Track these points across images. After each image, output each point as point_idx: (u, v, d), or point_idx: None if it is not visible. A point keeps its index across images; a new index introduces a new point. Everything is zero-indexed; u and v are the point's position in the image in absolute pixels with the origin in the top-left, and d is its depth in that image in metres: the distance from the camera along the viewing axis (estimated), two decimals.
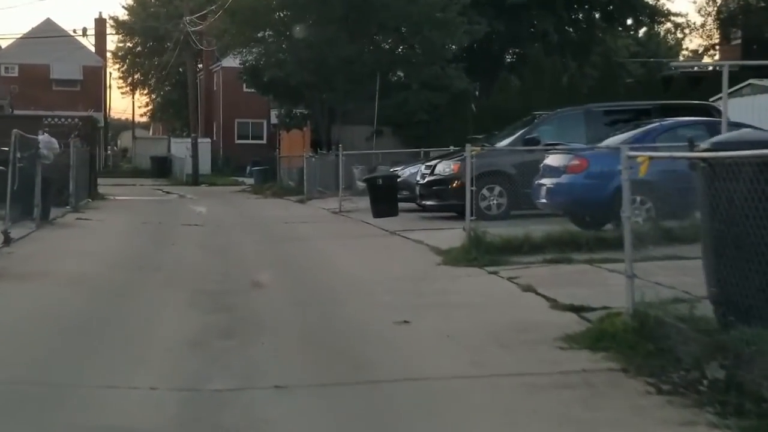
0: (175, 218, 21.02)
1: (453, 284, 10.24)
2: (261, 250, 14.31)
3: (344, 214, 21.44)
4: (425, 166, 18.37)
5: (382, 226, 17.41)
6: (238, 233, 17.32)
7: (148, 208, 25.78)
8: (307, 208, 24.85)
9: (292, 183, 33.19)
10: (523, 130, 18.02)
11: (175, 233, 17.11)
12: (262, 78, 32.94)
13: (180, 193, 36.48)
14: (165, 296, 9.84)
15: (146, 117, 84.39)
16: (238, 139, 59.01)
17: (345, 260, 12.79)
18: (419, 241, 14.38)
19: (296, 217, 21.27)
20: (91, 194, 28.02)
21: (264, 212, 23.50)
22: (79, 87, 58.09)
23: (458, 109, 33.22)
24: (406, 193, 20.34)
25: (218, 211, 24.25)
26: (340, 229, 17.71)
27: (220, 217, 21.43)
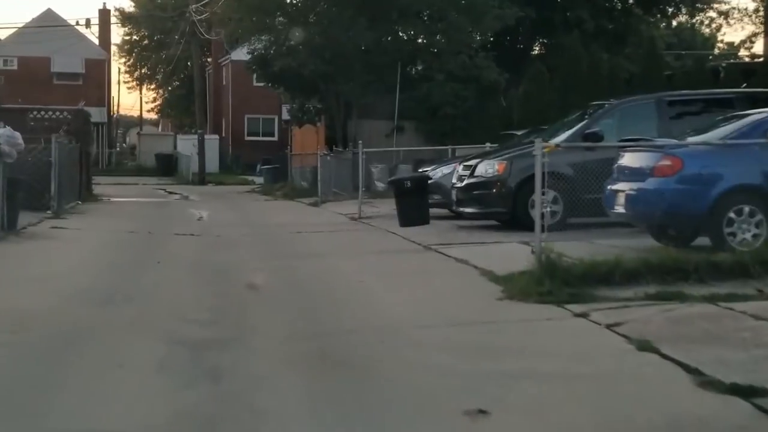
0: (169, 225, 18.18)
1: (532, 335, 7.34)
2: (267, 272, 11.43)
3: (365, 221, 18.57)
4: (463, 166, 15.47)
5: (413, 238, 14.51)
6: (240, 247, 14.45)
7: (143, 211, 22.95)
8: (322, 213, 21.96)
9: (305, 183, 30.33)
10: (581, 124, 15.08)
11: (165, 247, 14.26)
12: (271, 68, 30.05)
13: (183, 193, 33.71)
14: (127, 351, 6.97)
15: (154, 113, 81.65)
16: (248, 135, 56.22)
17: (374, 289, 9.88)
18: (463, 261, 11.46)
19: (310, 224, 18.40)
20: (83, 196, 25.22)
21: (273, 218, 20.63)
22: (81, 81, 55.38)
23: (487, 102, 30.26)
24: (438, 197, 17.45)
25: (221, 216, 21.40)
26: (363, 242, 14.81)
27: (222, 225, 18.58)
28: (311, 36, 29.07)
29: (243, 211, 23.23)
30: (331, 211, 22.23)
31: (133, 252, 13.42)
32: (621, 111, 15.25)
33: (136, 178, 46.67)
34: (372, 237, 15.61)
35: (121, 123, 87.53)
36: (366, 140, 29.76)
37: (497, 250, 12.48)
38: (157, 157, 51.85)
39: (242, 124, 56.29)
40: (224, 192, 35.06)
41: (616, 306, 8.01)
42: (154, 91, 75.31)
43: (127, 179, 45.03)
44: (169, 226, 18.12)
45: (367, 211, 19.73)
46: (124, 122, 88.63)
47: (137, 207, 24.69)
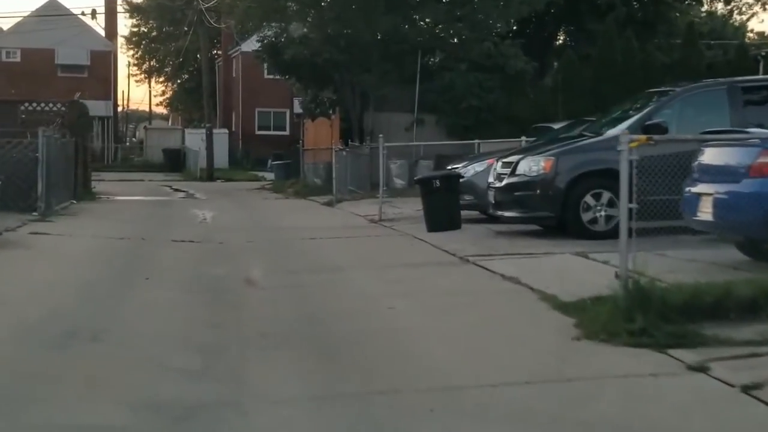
0: (168, 230, 16.21)
1: (637, 403, 5.28)
2: (274, 292, 9.42)
3: (386, 225, 16.55)
4: (502, 163, 13.41)
5: (445, 247, 12.48)
6: (244, 257, 12.45)
7: (142, 212, 20.98)
8: (338, 214, 19.94)
9: (318, 180, 28.32)
10: (639, 114, 12.98)
11: (157, 258, 12.27)
12: (282, 57, 28.01)
13: (190, 190, 31.76)
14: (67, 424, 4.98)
15: (163, 107, 79.77)
16: (259, 130, 54.24)
17: (410, 322, 7.83)
18: (514, 279, 9.42)
19: (325, 228, 16.38)
20: (79, 194, 23.30)
21: (284, 220, 18.63)
22: (87, 73, 53.40)
23: (514, 92, 28.17)
24: (470, 198, 15.42)
25: (227, 217, 19.41)
26: (387, 252, 12.78)
27: (226, 228, 16.60)
28: (325, 22, 27.03)
29: (251, 212, 21.24)
30: (347, 212, 20.22)
31: (119, 265, 11.42)
32: (685, 99, 13.14)
33: (142, 174, 44.79)
34: (397, 244, 13.57)
35: (133, 118, 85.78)
36: (384, 134, 27.76)
37: (551, 264, 10.44)
38: (164, 152, 49.95)
39: (253, 118, 54.32)
40: (232, 189, 33.09)
41: (740, 354, 5.97)
42: (163, 85, 73.43)
43: (132, 175, 43.16)
44: (167, 230, 16.15)
45: (388, 212, 17.73)
46: (135, 117, 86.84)
47: (137, 206, 22.73)
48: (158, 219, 18.83)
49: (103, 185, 33.23)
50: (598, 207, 12.36)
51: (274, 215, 20.06)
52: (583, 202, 12.37)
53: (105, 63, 53.49)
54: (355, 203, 22.25)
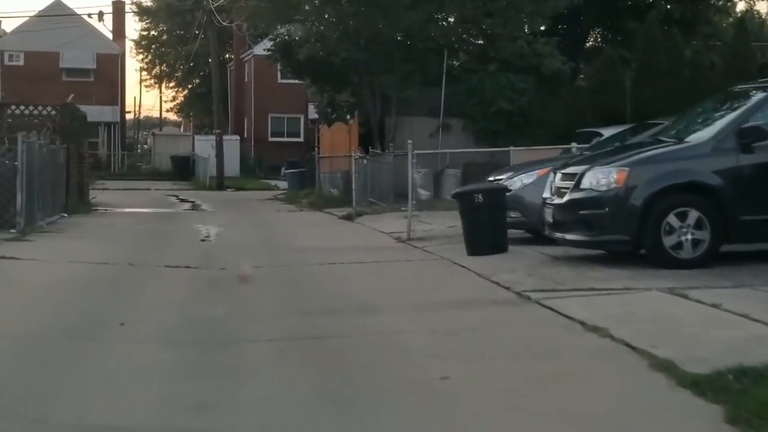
0: (162, 250, 13.98)
1: None
2: (284, 349, 7.13)
3: (417, 245, 14.25)
4: (561, 175, 11.07)
5: (495, 277, 10.19)
6: (249, 290, 10.15)
7: (138, 227, 18.75)
8: (359, 231, 17.64)
9: (335, 191, 26.06)
10: (733, 116, 10.66)
11: (142, 292, 10.00)
12: (296, 56, 25.75)
13: (197, 201, 29.60)
14: None
15: (173, 113, 77.71)
16: (272, 136, 52.10)
17: (474, 406, 5.50)
18: (602, 331, 7.09)
19: (346, 249, 14.10)
20: (72, 206, 21.13)
21: (297, 238, 16.36)
22: (93, 77, 51.42)
23: (550, 95, 25.82)
24: (516, 215, 13.11)
25: (234, 234, 17.17)
26: (425, 284, 10.45)
27: (232, 248, 14.35)
28: (343, 18, 24.78)
29: (261, 227, 18.98)
30: (369, 228, 17.93)
31: (89, 305, 9.13)
32: None
33: (149, 182, 42.70)
34: (435, 273, 11.24)
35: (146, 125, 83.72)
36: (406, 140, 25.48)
37: (641, 306, 8.12)
38: (172, 159, 47.82)
39: (266, 124, 52.18)
40: (243, 199, 30.89)
41: None
42: (174, 90, 71.36)
43: (138, 184, 41.09)
44: (162, 251, 13.90)
45: (416, 229, 15.40)
46: (149, 124, 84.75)
47: (135, 220, 20.49)
48: (155, 236, 16.59)
49: (104, 195, 31.20)
50: (683, 229, 10.03)
51: (287, 232, 17.79)
52: (666, 223, 10.03)
53: (112, 66, 51.48)
54: (377, 217, 19.98)
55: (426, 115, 26.21)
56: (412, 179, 15.48)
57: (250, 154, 50.77)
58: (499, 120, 25.55)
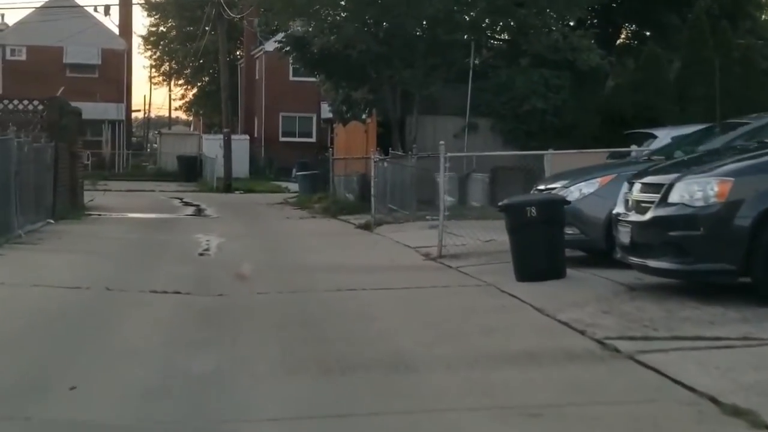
0: (152, 269, 11.86)
1: None
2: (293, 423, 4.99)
3: (451, 263, 12.11)
4: (641, 185, 8.87)
5: (560, 314, 8.05)
6: (250, 330, 7.97)
7: (130, 237, 16.62)
8: (381, 244, 15.45)
9: (350, 196, 23.91)
10: None
11: (113, 331, 7.84)
12: (310, 49, 23.58)
13: (201, 204, 27.51)
14: None
15: (182, 111, 75.68)
16: (283, 136, 49.94)
17: None
18: (747, 415, 4.93)
19: (367, 268, 11.95)
20: (61, 211, 19.06)
21: (311, 253, 14.16)
22: (97, 73, 49.38)
23: (586, 93, 23.64)
24: (573, 231, 10.91)
25: (238, 247, 15.03)
26: (471, 322, 8.22)
27: (233, 267, 12.19)
28: (361, 7, 22.61)
29: (269, 238, 16.82)
30: (392, 241, 15.76)
31: (39, 350, 6.97)
32: None
33: (154, 183, 40.65)
34: (482, 306, 9.04)
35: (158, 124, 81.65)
36: (429, 141, 23.34)
37: None
38: (179, 159, 45.74)
39: (276, 123, 50.04)
40: (251, 203, 28.78)
41: None
42: (183, 88, 69.33)
43: (143, 185, 39.05)
44: (151, 269, 11.79)
45: (447, 243, 13.21)
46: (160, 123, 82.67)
47: (128, 228, 18.36)
48: (147, 249, 14.46)
49: (104, 197, 29.19)
50: None
51: (298, 244, 15.62)
52: None
53: (118, 62, 49.42)
54: (398, 228, 17.83)
55: (450, 114, 24.07)
56: (445, 186, 13.28)
57: (260, 155, 48.70)
58: (531, 120, 23.37)
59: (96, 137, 48.56)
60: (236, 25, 56.44)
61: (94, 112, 47.42)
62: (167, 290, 9.78)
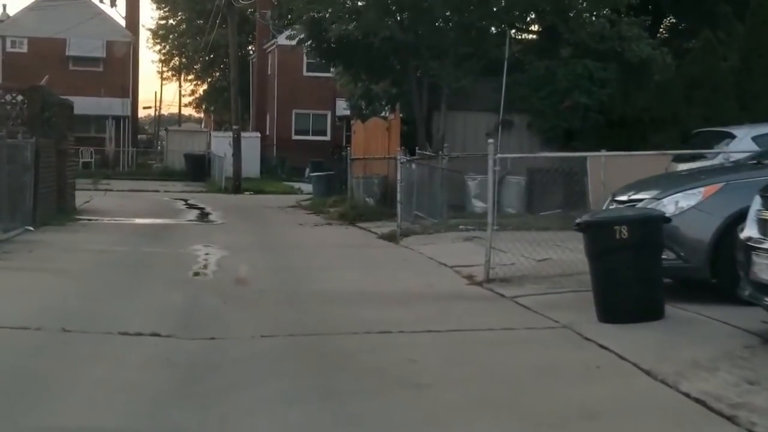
0: (130, 296, 9.50)
1: None
2: None
3: (503, 290, 9.72)
4: None
5: (686, 385, 5.66)
6: (245, 404, 5.57)
7: (117, 249, 14.22)
8: (412, 262, 12.99)
9: (370, 200, 21.53)
10: None
11: (53, 405, 5.46)
12: (327, 36, 21.17)
13: (207, 207, 25.20)
14: None
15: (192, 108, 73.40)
16: (296, 134, 47.61)
17: None
18: None
19: (400, 297, 9.54)
20: (42, 217, 16.75)
21: (328, 272, 11.72)
22: (102, 67, 47.15)
23: (635, 88, 21.18)
24: (668, 256, 8.46)
25: (241, 263, 12.64)
26: (560, 394, 5.83)
27: (233, 293, 9.83)
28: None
29: (278, 252, 14.40)
30: (423, 256, 13.35)
31: None
32: None
33: (160, 183, 38.37)
34: (566, 365, 6.60)
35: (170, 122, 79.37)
36: (458, 140, 20.99)
37: None
38: (186, 158, 43.44)
39: (289, 121, 47.70)
40: (261, 206, 26.42)
41: None
42: (193, 83, 67.05)
43: (148, 184, 36.76)
44: (129, 297, 9.42)
45: (497, 264, 10.79)
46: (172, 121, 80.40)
47: (118, 238, 15.97)
48: (133, 266, 12.08)
49: (102, 199, 27.00)
50: None
51: (314, 260, 13.20)
52: None
53: (123, 56, 47.13)
54: (428, 239, 15.43)
55: (482, 110, 21.66)
56: (494, 193, 10.84)
57: (272, 154, 46.38)
58: (574, 117, 20.92)
59: (100, 134, 46.35)
60: (248, 19, 54.18)
61: (98, 107, 45.28)
62: (143, 331, 7.42)
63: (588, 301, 8.35)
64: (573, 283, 10.08)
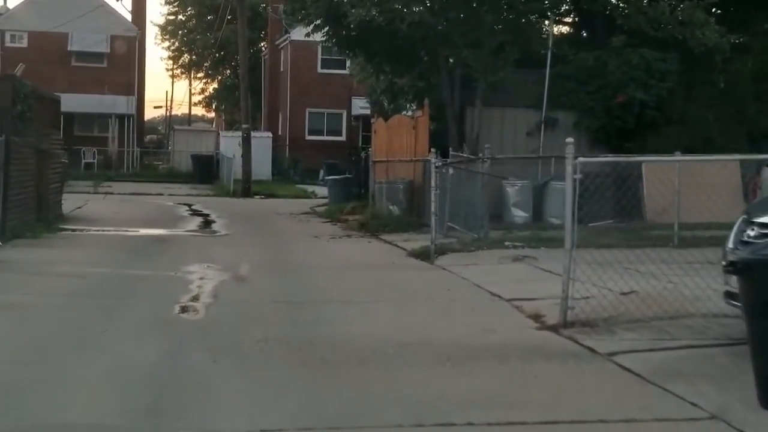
0: (81, 354, 6.98)
1: None
2: None
3: (591, 343, 7.18)
4: None
5: None
6: None
7: (90, 272, 11.67)
8: (457, 294, 10.34)
9: (395, 208, 18.95)
10: None
11: None
12: (346, 22, 18.62)
13: (212, 214, 22.73)
14: None
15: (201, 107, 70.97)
16: (309, 134, 45.05)
17: None
18: None
19: (450, 351, 6.98)
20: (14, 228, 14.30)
21: (353, 309, 9.15)
22: (106, 62, 44.68)
23: (698, 82, 18.58)
24: None
25: (242, 294, 10.14)
26: None
27: (225, 345, 7.32)
28: None
29: (290, 277, 11.81)
30: (468, 284, 10.79)
31: None
32: None
33: (165, 185, 35.94)
34: None
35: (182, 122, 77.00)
36: (494, 140, 18.42)
37: None
38: (193, 159, 40.95)
39: (302, 120, 45.15)
40: (272, 212, 23.96)
41: None
42: (203, 81, 64.59)
43: (151, 187, 34.33)
44: (80, 355, 6.91)
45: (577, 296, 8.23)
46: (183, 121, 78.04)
47: (98, 256, 13.39)
48: (105, 299, 9.54)
49: (99, 204, 24.66)
50: None
51: (333, 288, 10.64)
52: None
53: (129, 51, 44.64)
54: (470, 258, 12.91)
55: (522, 106, 19.10)
56: (573, 208, 8.26)
57: (284, 155, 43.88)
58: (628, 114, 18.32)
59: (103, 133, 43.97)
60: (259, 14, 51.76)
61: (101, 105, 42.92)
62: (79, 422, 4.91)
63: (721, 362, 5.87)
64: (684, 331, 7.58)
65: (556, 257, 12.35)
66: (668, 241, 13.68)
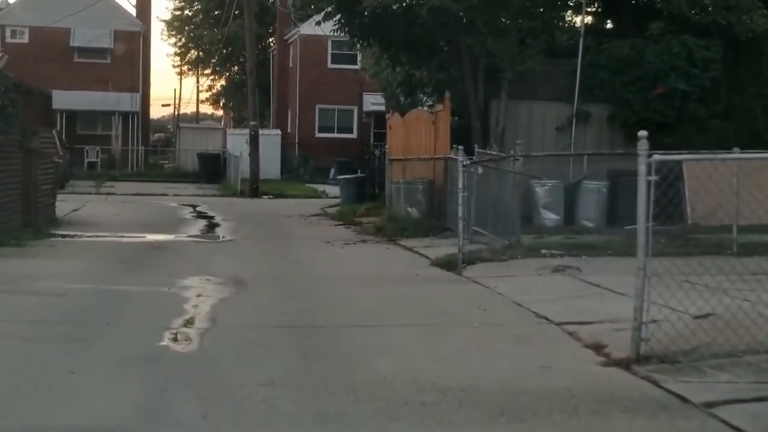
0: (45, 397, 5.52)
1: None
2: None
3: (678, 389, 5.73)
4: None
5: None
6: None
7: (74, 288, 10.24)
8: (495, 314, 8.86)
9: (414, 210, 17.48)
10: None
11: None
12: (360, 8, 17.17)
13: (217, 217, 21.39)
14: None
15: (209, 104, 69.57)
16: (319, 132, 43.61)
17: None
18: None
19: (498, 395, 5.53)
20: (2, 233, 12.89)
21: (374, 338, 7.71)
22: (109, 58, 43.28)
23: (744, 71, 17.08)
24: None
25: (243, 316, 8.71)
26: None
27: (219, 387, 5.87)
28: None
29: (299, 291, 10.35)
30: (507, 302, 9.33)
31: None
32: None
33: (170, 185, 34.61)
34: None
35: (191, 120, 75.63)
36: (522, 134, 16.96)
37: None
38: (199, 157, 39.55)
39: (312, 117, 43.72)
40: (281, 214, 22.57)
41: None
42: (210, 78, 63.16)
43: (156, 187, 32.98)
44: (43, 402, 5.46)
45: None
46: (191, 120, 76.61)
47: (85, 267, 11.95)
48: (82, 325, 8.11)
49: (99, 205, 23.40)
50: None
51: (350, 308, 9.18)
52: None
53: (133, 47, 43.23)
54: (503, 268, 11.45)
55: (551, 99, 17.62)
56: (647, 212, 6.77)
57: (294, 153, 42.47)
58: (668, 107, 16.82)
59: (107, 131, 42.62)
60: (268, 9, 50.34)
61: (105, 102, 41.54)
62: None
63: None
64: None
65: (602, 268, 10.96)
66: (725, 248, 12.19)
